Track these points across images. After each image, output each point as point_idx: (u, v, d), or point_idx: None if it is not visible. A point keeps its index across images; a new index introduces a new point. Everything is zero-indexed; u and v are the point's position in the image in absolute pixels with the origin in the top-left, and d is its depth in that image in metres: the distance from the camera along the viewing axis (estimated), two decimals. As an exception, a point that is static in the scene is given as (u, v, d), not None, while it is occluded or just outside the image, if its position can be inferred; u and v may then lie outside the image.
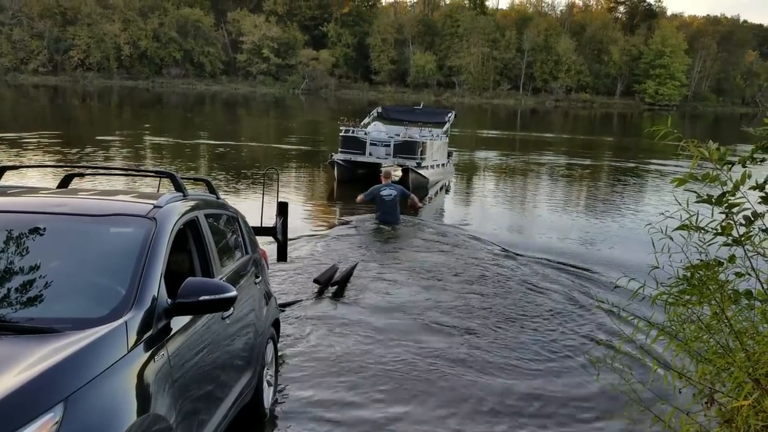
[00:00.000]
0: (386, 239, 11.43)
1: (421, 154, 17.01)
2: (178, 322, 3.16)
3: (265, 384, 4.75)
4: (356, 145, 17.38)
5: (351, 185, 16.31)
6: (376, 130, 18.48)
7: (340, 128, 17.87)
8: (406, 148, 16.99)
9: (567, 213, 15.81)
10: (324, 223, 12.49)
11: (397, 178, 15.35)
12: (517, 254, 10.71)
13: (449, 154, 20.51)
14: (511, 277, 9.21)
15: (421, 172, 16.67)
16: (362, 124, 19.43)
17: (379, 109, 21.76)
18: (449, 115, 21.34)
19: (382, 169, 15.18)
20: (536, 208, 16.95)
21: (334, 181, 17.46)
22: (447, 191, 18.51)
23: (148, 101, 57.69)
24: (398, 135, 17.73)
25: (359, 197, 12.34)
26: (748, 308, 3.23)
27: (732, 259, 3.24)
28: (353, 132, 17.74)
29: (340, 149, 17.52)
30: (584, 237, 12.72)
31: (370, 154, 17.27)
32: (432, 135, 18.90)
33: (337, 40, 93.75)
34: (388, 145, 17.21)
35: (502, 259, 10.36)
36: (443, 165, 19.30)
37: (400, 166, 16.39)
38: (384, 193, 12.09)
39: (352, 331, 6.70)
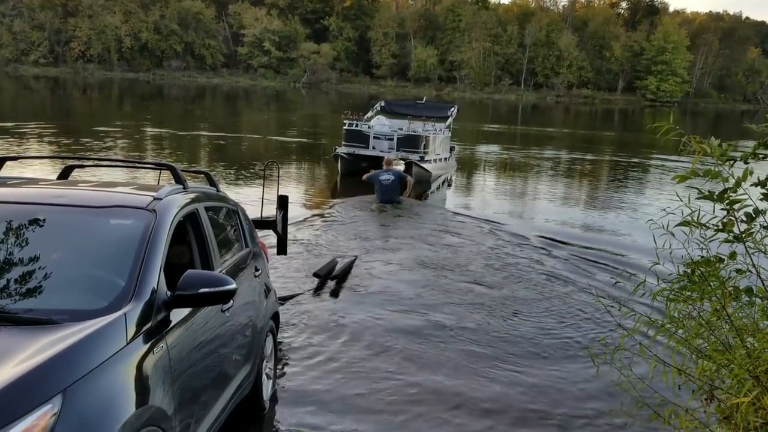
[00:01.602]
0: (387, 227, 11.52)
1: (424, 148, 17.14)
2: (177, 314, 3.16)
3: (264, 377, 4.76)
4: (360, 138, 17.47)
5: (354, 178, 16.40)
6: (379, 123, 18.58)
7: (344, 122, 17.94)
8: (410, 142, 17.11)
9: (568, 205, 15.85)
10: (326, 215, 12.47)
11: (401, 167, 15.56)
12: (519, 243, 10.82)
13: (451, 149, 20.59)
14: (513, 268, 9.26)
15: (424, 165, 16.80)
16: (365, 117, 19.49)
17: (382, 103, 21.85)
18: (452, 109, 21.39)
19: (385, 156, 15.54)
20: (537, 200, 17.01)
21: (337, 174, 17.53)
22: (449, 185, 18.56)
23: (148, 93, 57.64)
24: (401, 129, 17.85)
25: (364, 177, 13.97)
26: (749, 305, 3.21)
27: (733, 255, 3.23)
28: (357, 126, 17.80)
29: (344, 143, 17.60)
30: (584, 230, 12.74)
31: (374, 148, 17.36)
32: (435, 129, 18.99)
33: (338, 33, 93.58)
34: (392, 139, 17.30)
35: (504, 248, 10.45)
36: (446, 159, 19.40)
37: (403, 159, 16.45)
38: (383, 177, 13.55)
39: (351, 325, 6.70)
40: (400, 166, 16.30)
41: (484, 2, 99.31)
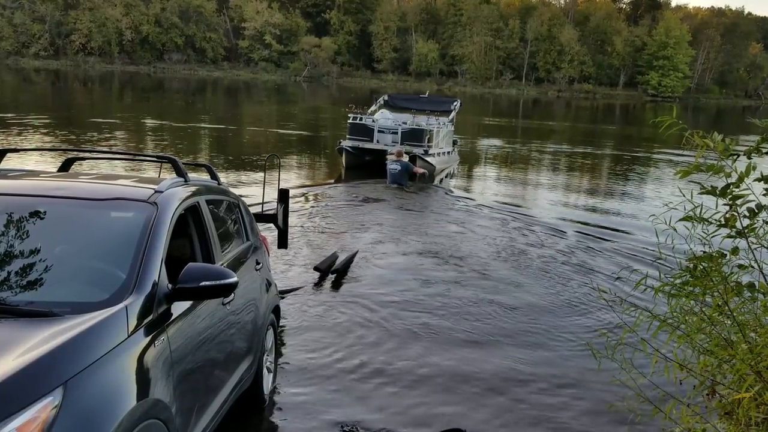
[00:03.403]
0: (390, 217, 11.64)
1: (428, 142, 17.31)
2: (178, 307, 3.15)
3: (264, 370, 4.75)
4: (364, 132, 17.61)
5: (359, 171, 16.62)
6: (383, 117, 18.73)
7: (349, 115, 18.06)
8: (414, 136, 17.26)
9: (572, 196, 15.96)
10: (329, 205, 12.47)
11: (406, 158, 15.94)
12: (523, 231, 11.00)
13: (454, 142, 20.74)
14: (519, 258, 9.39)
15: (428, 159, 16.95)
16: (369, 111, 19.63)
17: (386, 97, 22.01)
18: (455, 103, 21.58)
19: (393, 149, 16.09)
20: (539, 190, 17.16)
21: (341, 167, 17.66)
22: (452, 178, 18.64)
23: (149, 86, 57.56)
24: (405, 123, 17.99)
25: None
26: (751, 300, 3.21)
27: (735, 251, 3.22)
28: (361, 119, 17.90)
29: (348, 136, 17.74)
30: (589, 221, 12.75)
31: (378, 142, 17.49)
32: (439, 123, 19.12)
33: (339, 27, 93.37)
34: (396, 133, 17.48)
35: (508, 237, 10.61)
36: (449, 153, 19.60)
37: (407, 153, 16.57)
38: (391, 167, 15.23)
39: (351, 318, 6.70)
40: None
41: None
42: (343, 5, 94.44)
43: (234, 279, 3.22)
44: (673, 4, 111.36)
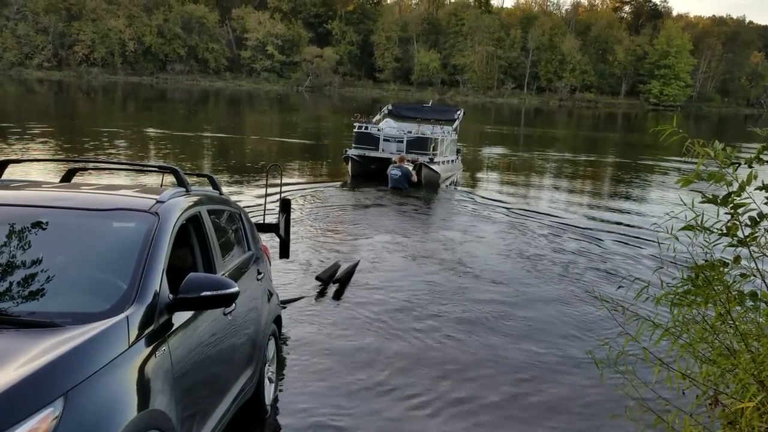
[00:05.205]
0: (392, 223, 11.76)
1: (432, 151, 17.48)
2: (179, 317, 3.15)
3: (266, 380, 4.74)
4: (370, 141, 17.86)
5: (364, 180, 16.79)
6: (388, 126, 18.97)
7: (354, 124, 18.27)
8: (419, 145, 17.50)
9: (575, 201, 15.89)
10: (331, 214, 12.48)
11: (409, 165, 16.37)
12: (526, 237, 11.06)
13: (458, 151, 20.94)
14: (523, 264, 9.39)
15: (433, 167, 17.17)
16: (374, 120, 19.86)
17: (390, 107, 22.27)
18: (458, 112, 21.90)
19: (395, 156, 16.64)
20: (541, 195, 17.24)
21: (347, 175, 17.88)
22: (456, 186, 18.73)
23: (152, 97, 57.72)
24: (411, 132, 18.22)
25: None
26: (754, 309, 3.20)
27: (737, 260, 3.21)
28: (367, 128, 18.07)
29: (354, 145, 17.97)
30: (587, 230, 12.72)
31: (383, 150, 17.71)
32: (443, 132, 19.35)
33: (341, 37, 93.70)
34: (401, 142, 17.69)
35: (512, 244, 10.66)
36: (453, 161, 19.85)
37: (413, 162, 16.68)
38: (392, 172, 16.10)
39: (353, 328, 6.69)
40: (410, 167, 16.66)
41: (486, 6, 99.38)
42: (344, 15, 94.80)
43: (235, 289, 3.22)
44: (674, 13, 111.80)
